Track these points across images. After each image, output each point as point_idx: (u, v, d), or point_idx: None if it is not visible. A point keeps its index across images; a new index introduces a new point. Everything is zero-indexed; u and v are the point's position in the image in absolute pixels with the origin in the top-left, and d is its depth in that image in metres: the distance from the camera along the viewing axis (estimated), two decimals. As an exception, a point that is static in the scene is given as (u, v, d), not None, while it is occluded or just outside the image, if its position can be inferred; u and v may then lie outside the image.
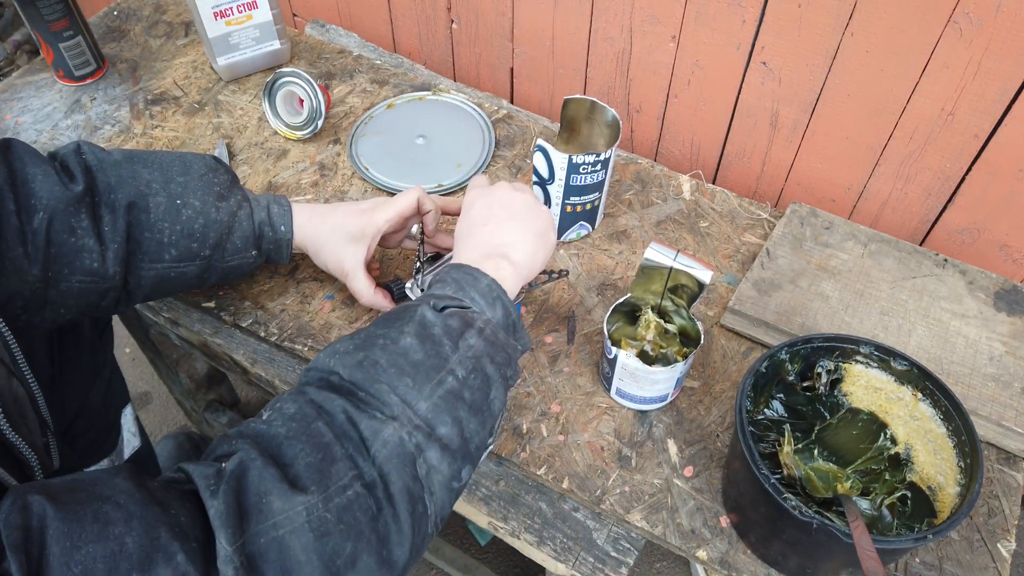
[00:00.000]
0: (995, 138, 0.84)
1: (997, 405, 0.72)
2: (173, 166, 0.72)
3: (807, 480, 0.63)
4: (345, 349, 0.55)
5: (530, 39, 1.13)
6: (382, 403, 0.52)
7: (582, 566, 0.69)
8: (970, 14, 0.77)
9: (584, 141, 0.89)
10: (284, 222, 0.76)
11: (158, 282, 0.72)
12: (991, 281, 0.82)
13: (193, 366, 1.28)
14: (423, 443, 0.51)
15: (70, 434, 0.89)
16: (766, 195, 1.08)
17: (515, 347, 0.60)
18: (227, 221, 0.73)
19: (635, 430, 0.74)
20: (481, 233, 0.66)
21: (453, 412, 0.53)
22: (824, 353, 0.68)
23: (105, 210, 0.67)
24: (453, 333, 0.56)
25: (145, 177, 0.69)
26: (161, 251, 0.70)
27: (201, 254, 0.72)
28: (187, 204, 0.71)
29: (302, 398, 0.52)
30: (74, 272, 0.66)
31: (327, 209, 0.78)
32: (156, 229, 0.69)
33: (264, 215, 0.76)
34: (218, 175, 0.74)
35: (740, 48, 0.94)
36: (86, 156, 0.68)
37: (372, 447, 0.50)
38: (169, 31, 1.19)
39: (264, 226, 0.76)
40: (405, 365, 0.53)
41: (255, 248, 0.76)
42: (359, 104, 1.07)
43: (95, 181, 0.67)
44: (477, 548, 1.29)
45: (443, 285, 0.61)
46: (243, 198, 0.75)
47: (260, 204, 0.76)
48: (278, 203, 0.77)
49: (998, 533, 0.68)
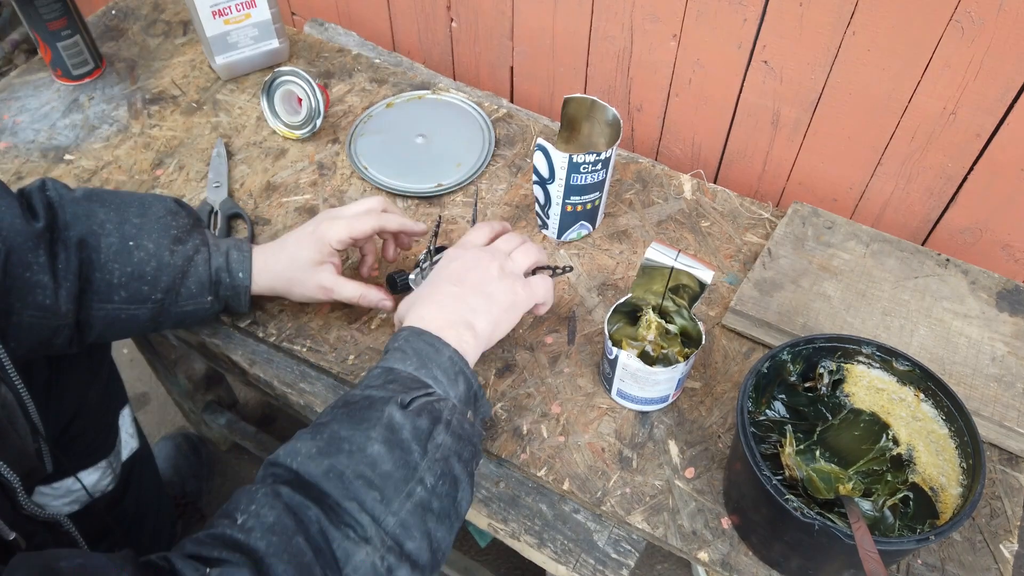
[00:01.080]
0: (997, 137, 0.84)
1: (999, 406, 0.72)
2: (131, 207, 0.72)
3: (809, 481, 0.63)
4: (308, 452, 0.54)
5: (530, 38, 1.12)
6: (354, 520, 0.51)
7: (583, 568, 0.68)
8: (972, 13, 0.77)
9: (584, 140, 0.89)
10: (242, 268, 0.75)
11: (108, 323, 0.71)
12: (993, 281, 0.82)
13: (191, 367, 1.27)
14: (394, 565, 0.51)
15: (68, 435, 0.89)
16: (768, 195, 1.07)
17: (479, 433, 0.61)
18: (181, 265, 0.72)
19: (636, 431, 0.74)
20: (449, 293, 0.66)
21: (422, 526, 0.53)
22: (826, 353, 0.68)
23: (60, 247, 0.67)
24: (421, 435, 0.55)
25: (100, 217, 0.70)
26: (111, 292, 0.69)
27: (152, 297, 0.71)
28: (140, 246, 0.70)
29: (278, 503, 0.51)
30: (26, 307, 0.66)
31: (278, 245, 0.77)
32: (106, 269, 0.69)
33: (222, 261, 0.74)
34: (177, 218, 0.74)
35: (741, 47, 0.94)
36: (49, 192, 0.69)
37: (344, 569, 0.50)
38: (167, 30, 1.18)
39: (221, 272, 0.74)
40: (373, 477, 0.53)
41: (211, 294, 0.74)
42: (358, 103, 1.06)
43: (55, 217, 0.68)
44: (477, 550, 1.28)
45: (404, 357, 0.60)
46: (202, 243, 0.74)
47: (219, 250, 0.75)
48: (239, 249, 0.75)
49: (1000, 534, 0.67)
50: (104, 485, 0.99)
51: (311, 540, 0.50)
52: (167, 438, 1.39)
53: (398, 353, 0.61)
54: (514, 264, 0.71)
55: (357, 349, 0.80)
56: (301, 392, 0.80)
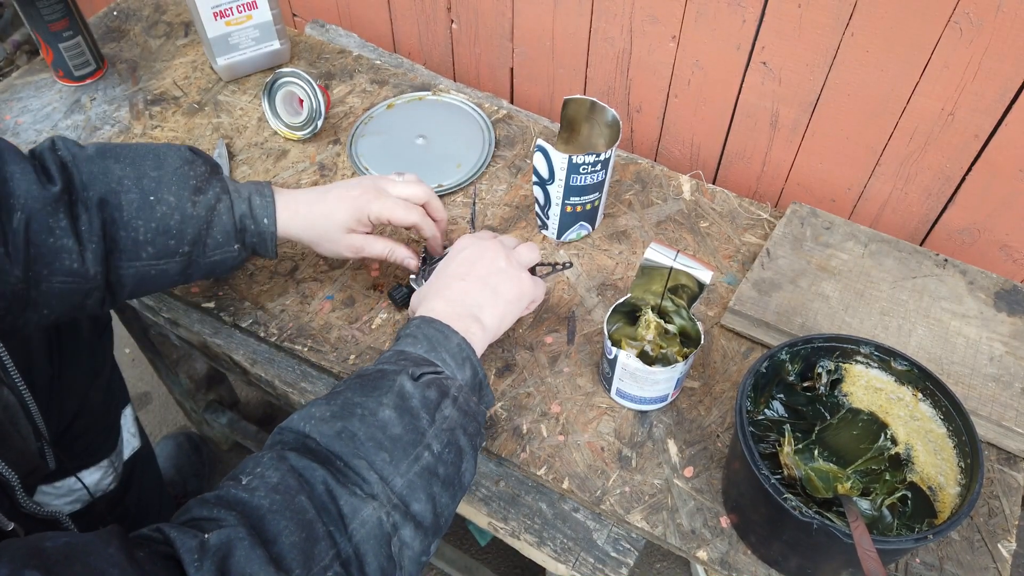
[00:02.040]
0: (995, 138, 0.84)
1: (997, 405, 0.72)
2: (146, 160, 0.69)
3: (807, 480, 0.63)
4: (322, 416, 0.55)
5: (530, 39, 1.13)
6: (362, 479, 0.52)
7: (582, 566, 0.69)
8: (970, 14, 0.77)
9: (584, 141, 0.89)
10: (267, 214, 0.73)
11: (139, 280, 0.70)
12: (991, 281, 0.82)
13: (193, 366, 1.28)
14: (399, 522, 0.52)
15: (70, 434, 0.89)
16: (766, 195, 1.08)
17: (483, 413, 0.62)
18: (205, 216, 0.70)
19: (635, 430, 0.74)
20: (457, 287, 0.68)
21: (428, 488, 0.54)
22: (824, 353, 0.68)
23: (81, 208, 0.65)
24: (430, 405, 0.57)
25: (117, 173, 0.68)
26: (138, 249, 0.68)
27: (180, 250, 0.70)
28: (161, 200, 0.68)
29: (284, 465, 0.51)
30: (54, 273, 0.65)
31: (314, 197, 0.75)
32: (131, 227, 0.67)
33: (245, 207, 0.72)
34: (195, 167, 0.71)
35: (740, 48, 0.94)
36: (61, 152, 0.67)
37: (351, 525, 0.50)
38: (169, 31, 1.19)
39: (246, 219, 0.72)
40: (383, 439, 0.54)
41: (238, 242, 0.73)
42: (359, 104, 1.07)
43: (71, 178, 0.66)
44: (477, 548, 1.29)
45: (415, 342, 0.62)
46: (222, 190, 0.72)
47: (241, 196, 0.73)
48: (260, 194, 0.73)
49: (998, 533, 0.68)
50: (106, 484, 0.99)
51: (315, 499, 0.50)
52: (169, 437, 1.39)
53: (409, 339, 0.63)
54: (519, 256, 0.72)
55: (358, 349, 0.81)
56: (302, 392, 0.80)
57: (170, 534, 0.46)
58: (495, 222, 0.92)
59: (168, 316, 0.87)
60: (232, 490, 0.50)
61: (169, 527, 0.47)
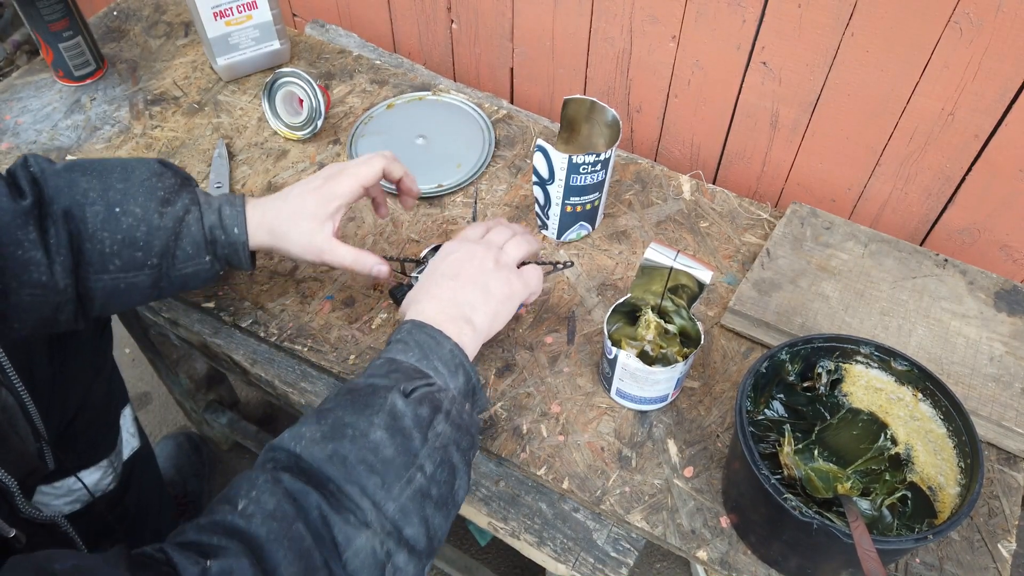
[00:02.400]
0: (995, 138, 0.84)
1: (997, 405, 0.72)
2: (113, 173, 0.69)
3: (807, 480, 0.63)
4: (312, 437, 0.54)
5: (530, 39, 1.13)
6: (355, 505, 0.52)
7: (582, 566, 0.69)
8: (970, 14, 0.77)
9: (584, 141, 0.89)
10: (237, 223, 0.71)
11: (108, 294, 0.69)
12: (991, 281, 0.82)
13: (193, 366, 1.28)
14: (393, 549, 0.52)
15: (69, 434, 0.89)
16: (766, 195, 1.08)
17: (477, 424, 0.62)
18: (173, 227, 0.69)
19: (635, 430, 0.74)
20: (448, 288, 0.67)
21: (421, 512, 0.54)
22: (824, 353, 0.68)
23: (50, 222, 0.66)
24: (423, 423, 0.56)
25: (82, 186, 0.68)
26: (104, 261, 0.68)
27: (148, 263, 0.69)
28: (127, 211, 0.68)
29: (279, 489, 0.51)
30: (23, 285, 0.64)
31: (279, 198, 0.74)
32: (96, 239, 0.67)
33: (215, 218, 0.71)
34: (163, 179, 0.71)
35: (740, 48, 0.94)
36: (32, 168, 0.67)
37: (345, 554, 0.50)
38: (169, 31, 1.19)
39: (216, 230, 0.71)
40: (375, 462, 0.53)
41: (209, 254, 0.72)
42: (359, 104, 1.07)
43: (42, 193, 0.66)
44: (477, 548, 1.29)
45: (406, 348, 0.61)
46: (192, 201, 0.71)
47: (212, 207, 0.72)
48: (231, 203, 0.72)
49: (998, 533, 0.68)
50: (105, 484, 0.99)
51: (311, 526, 0.50)
52: (168, 437, 1.39)
53: (400, 345, 0.62)
54: (507, 256, 0.71)
55: (358, 349, 0.81)
56: (302, 392, 0.80)
57: (173, 557, 0.46)
58: (495, 222, 0.92)
59: (168, 316, 0.87)
60: (229, 516, 0.50)
61: (172, 549, 0.47)
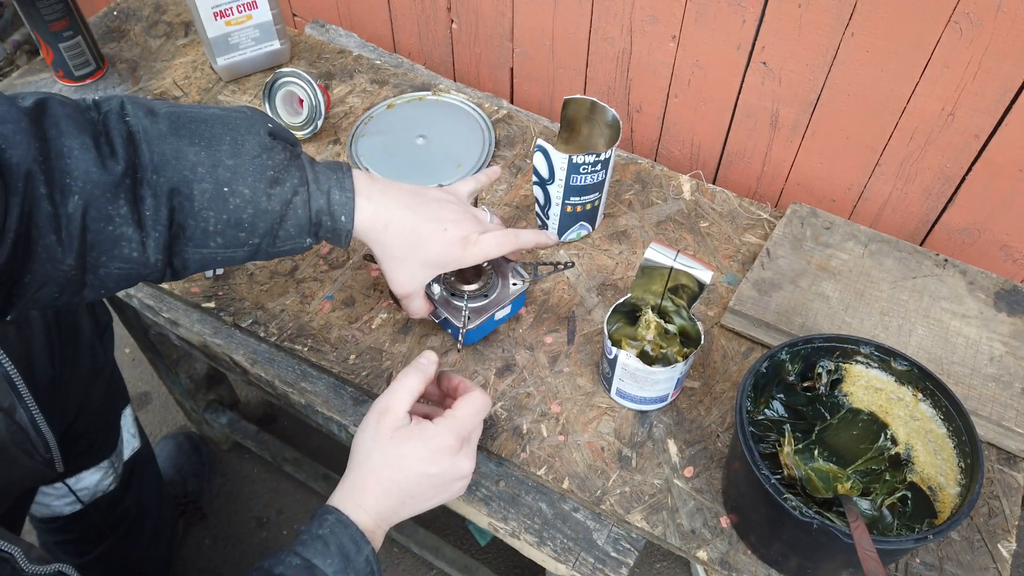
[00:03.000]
0: (995, 138, 0.84)
1: (997, 405, 0.72)
2: (222, 144, 0.63)
3: (807, 480, 0.63)
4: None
5: (530, 39, 1.13)
6: None
7: (582, 566, 0.69)
8: (970, 14, 0.77)
9: (584, 141, 0.89)
10: (345, 211, 0.67)
11: (203, 264, 0.65)
12: (991, 281, 0.82)
13: (193, 366, 1.28)
14: None
15: (70, 436, 0.89)
16: (766, 195, 1.08)
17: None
18: (280, 210, 0.64)
19: (635, 430, 0.74)
20: (410, 493, 0.62)
21: None
22: (824, 353, 0.68)
23: (147, 191, 0.59)
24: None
25: (191, 159, 0.61)
26: (206, 238, 0.63)
27: (250, 242, 0.65)
28: (235, 192, 0.62)
29: None
30: (112, 260, 0.60)
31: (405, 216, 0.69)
32: (200, 217, 0.62)
33: (323, 202, 0.66)
34: (273, 155, 0.65)
35: (740, 48, 0.94)
36: (130, 120, 0.60)
37: None
38: (169, 31, 1.19)
39: (322, 215, 0.66)
40: None
41: (310, 236, 0.67)
42: (359, 104, 1.07)
43: (138, 156, 0.59)
44: (477, 548, 1.29)
45: (326, 551, 0.58)
46: (300, 181, 0.65)
47: (320, 189, 0.66)
48: (340, 187, 0.67)
49: (998, 533, 0.68)
50: (106, 485, 0.99)
51: None
52: (168, 437, 1.39)
53: (319, 544, 0.58)
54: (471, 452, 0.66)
55: (358, 349, 0.81)
56: (302, 391, 0.80)
57: None
58: (495, 222, 0.92)
59: (168, 316, 0.87)
60: None
61: None
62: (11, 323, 0.78)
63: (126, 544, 1.07)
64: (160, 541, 1.14)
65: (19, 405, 0.74)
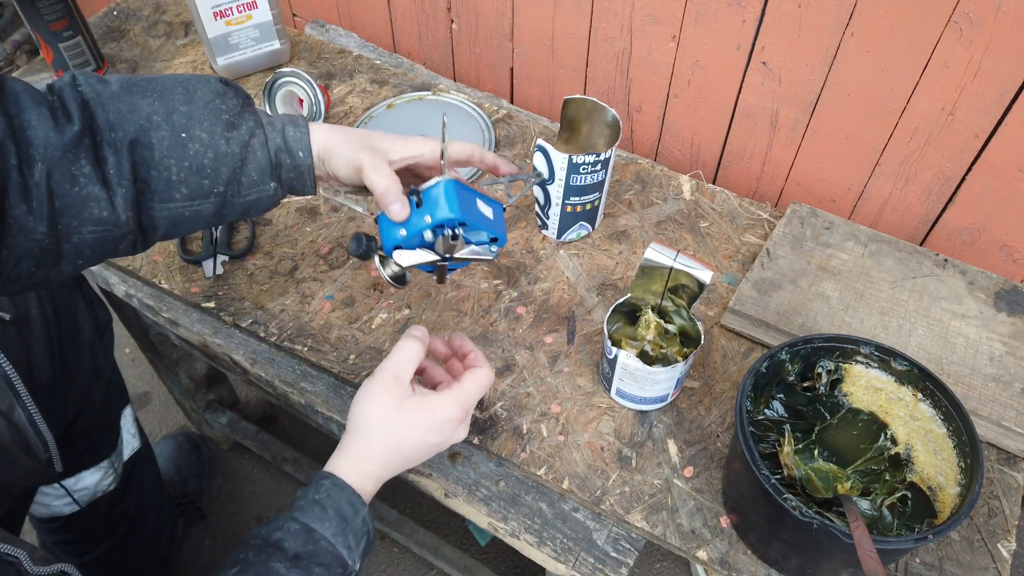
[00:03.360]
0: (995, 138, 0.84)
1: (997, 405, 0.72)
2: (175, 93, 0.64)
3: (807, 480, 0.63)
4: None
5: (530, 39, 1.13)
6: None
7: (582, 566, 0.69)
8: (970, 14, 0.77)
9: (584, 141, 0.89)
10: (302, 146, 0.67)
11: (172, 222, 0.65)
12: (991, 281, 0.82)
13: (193, 366, 1.28)
14: None
15: (70, 436, 0.89)
16: (766, 195, 1.08)
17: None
18: (239, 153, 0.65)
19: (635, 430, 0.74)
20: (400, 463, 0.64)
21: None
22: (824, 353, 0.68)
23: (108, 150, 0.60)
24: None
25: (145, 109, 0.62)
26: (171, 190, 0.63)
27: (215, 190, 0.65)
28: (193, 137, 0.63)
29: None
30: (84, 223, 0.60)
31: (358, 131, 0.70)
32: (163, 167, 0.62)
33: (280, 140, 0.67)
34: (226, 100, 0.66)
35: (740, 48, 0.94)
36: (82, 89, 0.61)
37: None
38: (169, 31, 1.19)
39: (281, 153, 0.67)
40: None
41: (273, 179, 0.67)
42: (359, 104, 1.07)
43: (94, 118, 0.61)
44: (477, 548, 1.29)
45: (324, 515, 0.59)
46: (256, 124, 0.66)
47: (275, 128, 0.67)
48: (295, 125, 0.68)
49: (998, 533, 0.68)
50: (106, 485, 0.99)
51: None
52: (168, 437, 1.39)
53: (317, 508, 0.59)
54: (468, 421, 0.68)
55: (358, 349, 0.81)
56: (302, 391, 0.80)
57: None
58: (495, 222, 0.92)
59: (168, 316, 0.87)
60: None
61: None
62: (11, 323, 0.78)
63: (126, 544, 1.07)
64: (160, 541, 1.14)
65: (17, 405, 0.74)
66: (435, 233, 0.66)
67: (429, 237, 0.66)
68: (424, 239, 0.67)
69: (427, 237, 0.66)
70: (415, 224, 0.66)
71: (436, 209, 0.65)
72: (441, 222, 0.65)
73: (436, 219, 0.65)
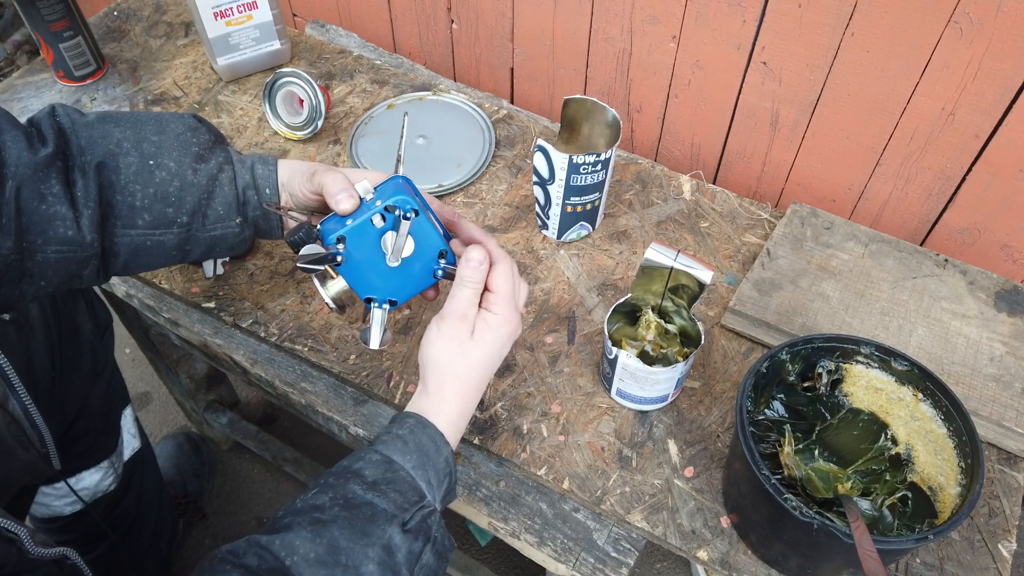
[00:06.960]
0: (996, 138, 0.84)
1: (998, 405, 0.72)
2: (147, 125, 0.67)
3: (808, 480, 0.63)
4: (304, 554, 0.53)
5: (530, 39, 1.13)
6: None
7: (582, 566, 0.69)
8: (971, 14, 0.77)
9: (584, 141, 0.89)
10: (269, 184, 0.68)
11: (133, 251, 0.66)
12: (992, 281, 0.82)
13: (193, 366, 1.28)
14: None
15: (70, 436, 0.89)
16: (766, 195, 1.08)
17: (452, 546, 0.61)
18: (206, 185, 0.66)
19: (635, 430, 0.74)
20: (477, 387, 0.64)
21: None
22: (825, 353, 0.68)
23: (78, 174, 0.62)
24: (413, 557, 0.56)
25: (116, 136, 0.65)
26: (134, 215, 0.65)
27: (178, 220, 0.66)
28: (161, 165, 0.65)
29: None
30: (49, 242, 0.62)
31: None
32: (127, 191, 0.64)
33: (248, 177, 0.68)
34: (198, 134, 0.68)
35: (740, 48, 0.94)
36: (60, 118, 0.64)
37: None
38: (169, 31, 1.19)
39: (248, 190, 0.68)
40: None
41: (239, 215, 0.68)
42: (359, 104, 1.07)
43: (68, 144, 0.63)
44: (477, 548, 1.29)
45: (406, 449, 0.59)
46: (225, 160, 0.68)
47: (245, 165, 0.68)
48: (264, 163, 0.69)
49: (999, 533, 0.68)
50: (106, 485, 0.99)
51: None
52: (169, 437, 1.39)
53: (399, 443, 0.60)
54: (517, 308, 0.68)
55: (358, 349, 0.81)
56: (303, 391, 0.80)
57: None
58: (495, 222, 0.92)
59: (168, 316, 0.87)
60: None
61: None
62: (11, 323, 0.78)
63: (126, 544, 1.07)
64: (160, 541, 1.14)
65: (11, 395, 0.74)
66: (384, 218, 0.63)
67: (379, 223, 0.63)
68: (373, 224, 0.63)
69: (376, 223, 0.63)
70: (363, 210, 0.63)
71: (388, 193, 0.63)
72: (394, 203, 0.62)
73: (387, 199, 0.62)
